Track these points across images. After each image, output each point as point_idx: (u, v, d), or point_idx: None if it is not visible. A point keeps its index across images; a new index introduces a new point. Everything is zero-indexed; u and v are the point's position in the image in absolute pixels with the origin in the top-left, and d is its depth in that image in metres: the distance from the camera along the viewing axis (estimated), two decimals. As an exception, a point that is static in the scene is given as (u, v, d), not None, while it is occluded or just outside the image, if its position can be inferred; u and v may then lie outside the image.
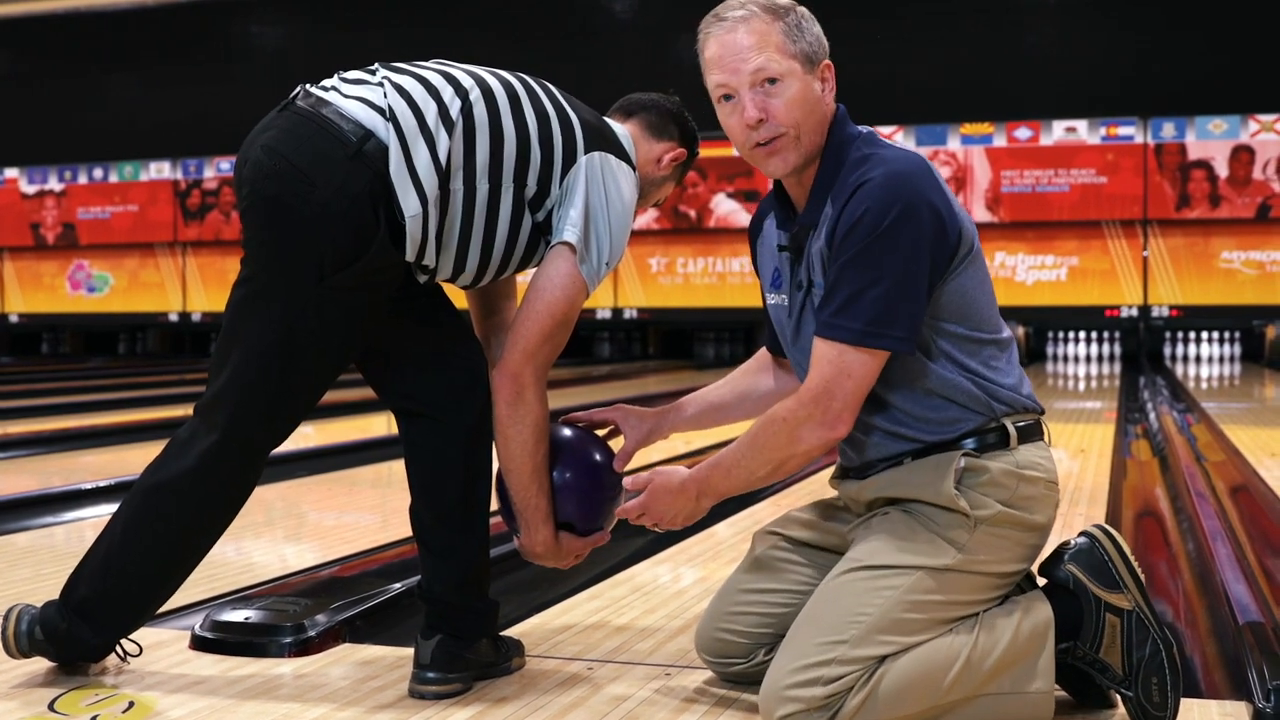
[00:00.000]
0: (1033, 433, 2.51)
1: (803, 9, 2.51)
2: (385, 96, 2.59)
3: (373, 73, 2.68)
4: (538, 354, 2.67)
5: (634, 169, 2.78)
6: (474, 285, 2.79)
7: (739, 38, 2.45)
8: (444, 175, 2.58)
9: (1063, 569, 2.52)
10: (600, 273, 2.70)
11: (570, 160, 2.70)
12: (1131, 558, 2.53)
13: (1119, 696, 2.50)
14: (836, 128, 2.53)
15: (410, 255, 2.59)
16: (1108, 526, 2.57)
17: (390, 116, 2.56)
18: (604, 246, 2.69)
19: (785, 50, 2.45)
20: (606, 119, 2.86)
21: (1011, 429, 2.46)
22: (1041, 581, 2.59)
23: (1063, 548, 2.56)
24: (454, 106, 2.62)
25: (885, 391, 2.48)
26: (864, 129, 2.56)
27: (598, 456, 2.83)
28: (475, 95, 2.65)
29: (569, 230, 2.66)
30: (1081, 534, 2.57)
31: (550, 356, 2.71)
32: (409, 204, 2.55)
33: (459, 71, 2.71)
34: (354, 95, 2.61)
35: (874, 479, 2.53)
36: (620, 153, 2.75)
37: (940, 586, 2.39)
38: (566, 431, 2.86)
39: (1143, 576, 2.53)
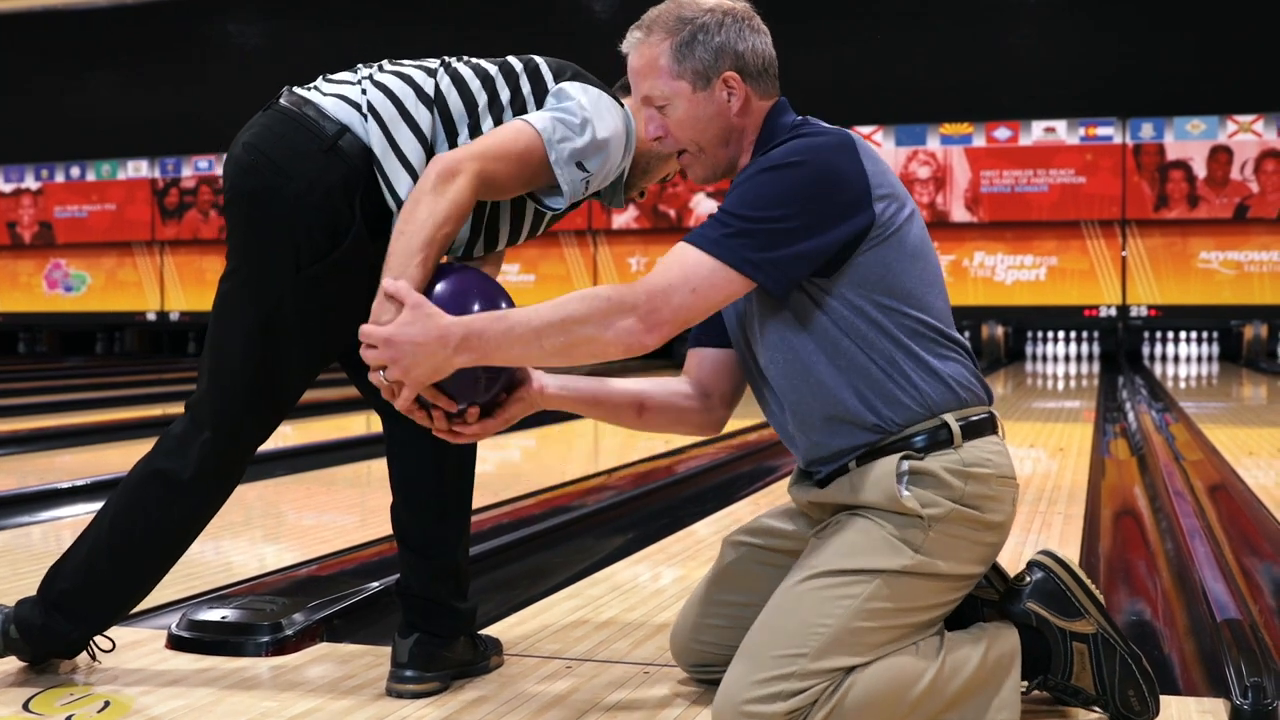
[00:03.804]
0: (981, 428, 2.43)
1: (705, 19, 2.45)
2: (364, 93, 2.62)
3: (354, 72, 2.73)
4: (483, 158, 2.46)
5: (623, 108, 2.72)
6: (468, 257, 2.77)
7: (633, 60, 2.50)
8: (430, 150, 2.61)
9: (1022, 606, 2.49)
10: (566, 158, 2.54)
11: (541, 92, 2.68)
12: (1086, 580, 2.51)
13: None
14: (768, 122, 2.50)
15: None
16: (1055, 552, 2.56)
17: (369, 110, 2.59)
18: (580, 137, 2.56)
19: (670, 72, 2.45)
20: None
21: (955, 425, 2.38)
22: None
23: (1019, 584, 2.53)
24: (428, 86, 2.65)
25: (817, 376, 2.40)
26: (802, 119, 2.50)
27: (503, 304, 2.44)
28: (442, 74, 2.68)
29: (527, 116, 2.59)
30: (1033, 564, 2.54)
31: (493, 176, 2.48)
32: (402, 186, 2.57)
33: (428, 61, 2.74)
34: (333, 93, 2.65)
35: (828, 489, 2.48)
36: (602, 89, 2.70)
37: (900, 592, 2.33)
38: (470, 266, 2.55)
39: (1100, 596, 2.51)
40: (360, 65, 2.75)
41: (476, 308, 2.38)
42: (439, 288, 2.40)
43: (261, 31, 18.23)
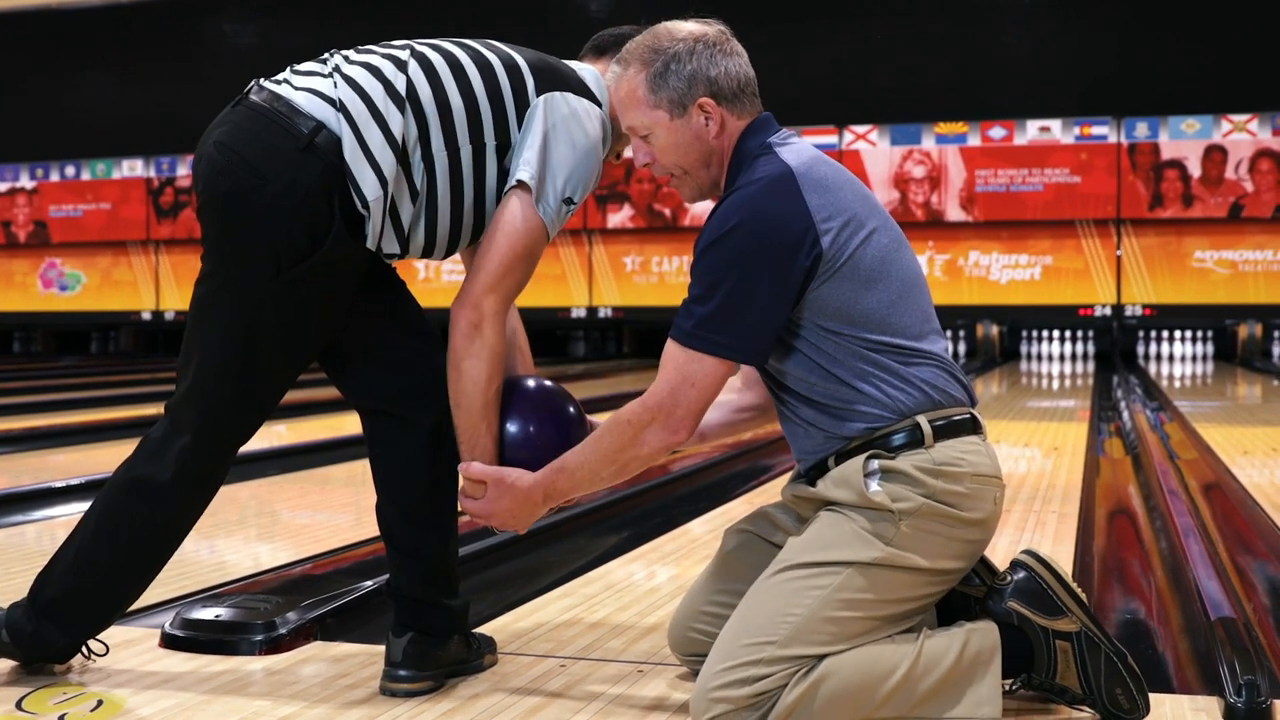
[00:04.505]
0: (958, 428, 2.46)
1: (677, 48, 2.53)
2: (335, 87, 2.59)
3: (324, 63, 2.67)
4: (499, 286, 2.62)
5: (599, 105, 2.75)
6: (452, 254, 2.77)
7: (615, 93, 2.64)
8: (401, 152, 2.58)
9: (1004, 606, 2.51)
10: (558, 209, 2.65)
11: (523, 105, 2.69)
12: (1068, 578, 2.53)
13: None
14: (741, 144, 2.57)
15: (372, 242, 2.59)
16: (1037, 551, 2.57)
17: (340, 107, 2.56)
18: (559, 182, 2.64)
19: (648, 102, 2.56)
20: (577, 61, 2.86)
21: (926, 426, 2.42)
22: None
23: (1000, 583, 2.54)
24: (398, 82, 2.62)
25: (792, 389, 2.51)
26: (774, 138, 2.56)
27: (571, 410, 2.76)
28: (414, 67, 2.65)
29: (522, 170, 2.62)
30: (1014, 564, 2.56)
31: (511, 291, 2.65)
32: (368, 186, 2.54)
33: (396, 49, 2.71)
34: (304, 87, 2.60)
35: (811, 486, 2.53)
36: (582, 90, 2.73)
37: (871, 584, 2.37)
38: (532, 382, 2.78)
39: (1083, 594, 2.53)
40: (329, 54, 2.69)
41: (548, 440, 2.67)
42: (510, 444, 2.69)
43: (256, 30, 18.20)
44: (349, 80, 2.60)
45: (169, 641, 3.03)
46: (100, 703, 2.62)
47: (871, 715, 2.35)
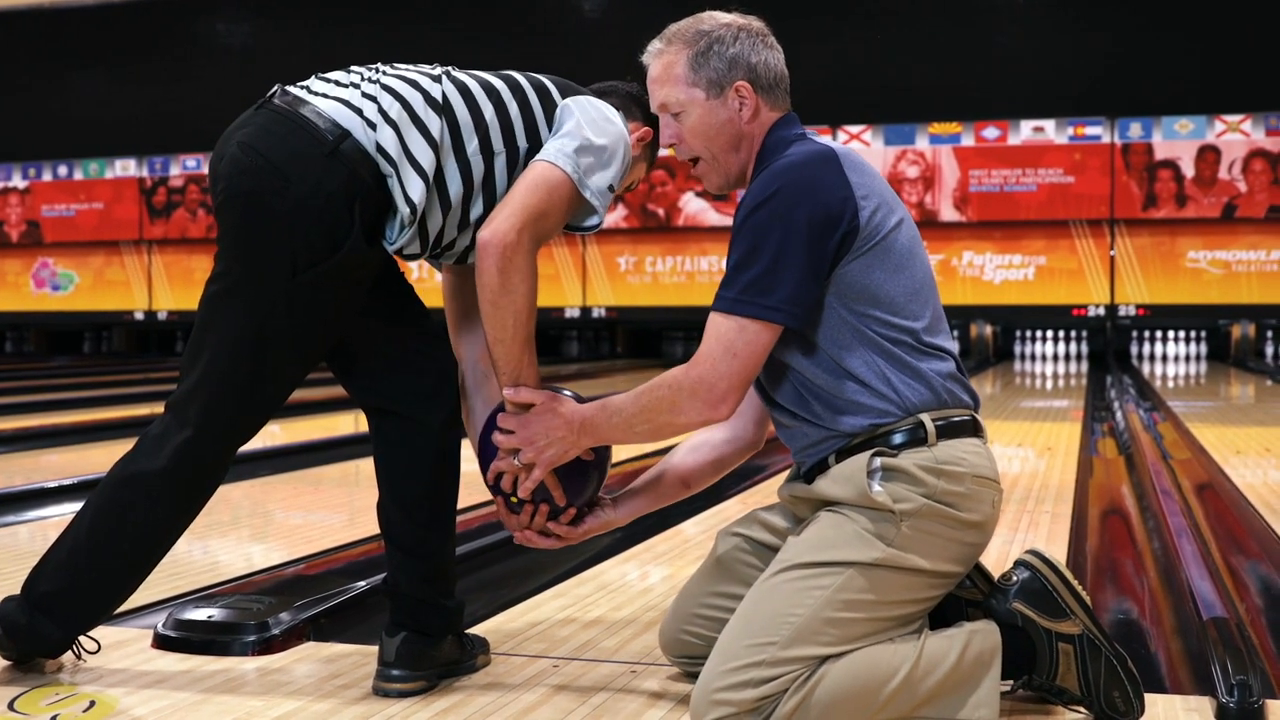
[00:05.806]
0: (959, 429, 2.46)
1: (721, 32, 2.57)
2: (374, 98, 2.62)
3: (349, 73, 2.71)
4: (527, 227, 2.55)
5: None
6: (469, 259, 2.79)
7: (652, 70, 2.64)
8: (438, 154, 2.61)
9: (1008, 606, 2.51)
10: (601, 194, 2.65)
11: (551, 110, 2.73)
12: (1072, 580, 2.52)
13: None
14: (771, 135, 2.60)
15: (396, 245, 2.62)
16: (1042, 552, 2.57)
17: (380, 114, 2.59)
18: (596, 171, 2.65)
19: (686, 80, 2.58)
20: None
21: (930, 425, 2.42)
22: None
23: (1005, 583, 2.54)
24: (434, 90, 2.66)
25: (795, 383, 2.50)
26: (801, 133, 2.59)
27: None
28: (446, 81, 2.70)
29: (545, 152, 2.64)
30: (1019, 564, 2.56)
31: (537, 235, 2.58)
32: (415, 190, 2.57)
33: (427, 68, 2.76)
34: (331, 95, 2.63)
35: (809, 485, 2.52)
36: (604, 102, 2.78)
37: (871, 585, 2.36)
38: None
39: (1086, 596, 2.52)
40: (354, 67, 2.73)
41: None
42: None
43: (250, 30, 18.19)
44: (388, 89, 2.64)
45: (161, 642, 3.03)
46: (93, 703, 2.62)
47: (873, 718, 2.34)
